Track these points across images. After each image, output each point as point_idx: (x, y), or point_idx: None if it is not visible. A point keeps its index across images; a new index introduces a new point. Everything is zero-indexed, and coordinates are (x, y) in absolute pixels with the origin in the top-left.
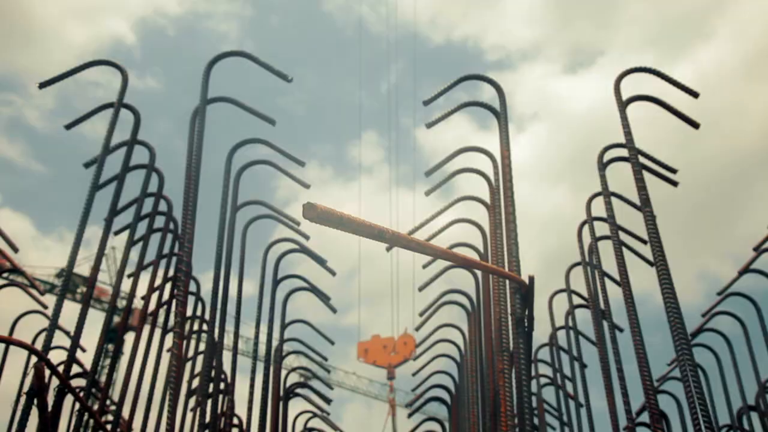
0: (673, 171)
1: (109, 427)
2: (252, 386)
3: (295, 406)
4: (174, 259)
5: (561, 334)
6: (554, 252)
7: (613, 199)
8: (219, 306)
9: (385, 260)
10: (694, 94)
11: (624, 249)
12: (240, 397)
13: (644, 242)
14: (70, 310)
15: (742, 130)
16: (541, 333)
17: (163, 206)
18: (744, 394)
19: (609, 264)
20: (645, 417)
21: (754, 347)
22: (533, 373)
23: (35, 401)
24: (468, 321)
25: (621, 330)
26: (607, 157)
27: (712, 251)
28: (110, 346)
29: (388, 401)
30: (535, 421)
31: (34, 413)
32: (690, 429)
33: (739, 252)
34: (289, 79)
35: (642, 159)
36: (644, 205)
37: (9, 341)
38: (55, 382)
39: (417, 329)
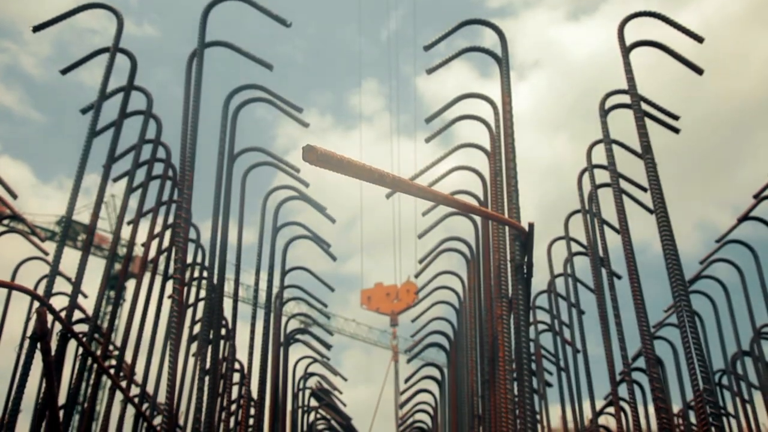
0: (675, 118)
1: (112, 371)
2: (252, 332)
3: (296, 351)
4: (173, 207)
5: (559, 282)
6: (554, 201)
7: (614, 147)
8: (218, 251)
9: (385, 209)
10: (699, 39)
11: (624, 197)
12: (241, 343)
13: (644, 190)
14: (71, 258)
15: (746, 78)
16: (539, 281)
17: (161, 153)
18: (739, 340)
19: (608, 212)
20: (641, 362)
21: (750, 294)
22: (531, 319)
23: (38, 345)
24: (467, 268)
25: (619, 277)
26: (609, 103)
27: (712, 200)
28: (112, 294)
29: (391, 348)
30: (533, 366)
31: (38, 357)
32: (685, 374)
33: (738, 201)
34: (287, 24)
35: (644, 106)
36: (645, 152)
37: (11, 286)
38: (58, 327)
39: (416, 276)
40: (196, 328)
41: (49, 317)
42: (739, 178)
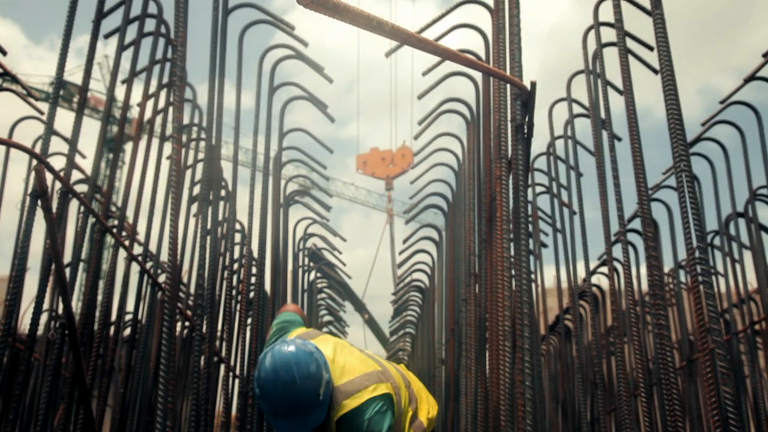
0: None
1: (114, 231)
2: (252, 194)
3: (295, 214)
4: (168, 66)
5: (559, 144)
6: (555, 66)
7: (622, 4)
8: (215, 110)
9: (382, 74)
10: None
11: (629, 57)
12: (241, 206)
13: (650, 49)
14: (68, 120)
15: None
16: (538, 146)
17: (153, 8)
18: (734, 202)
19: (611, 74)
20: (636, 225)
21: (749, 157)
22: (530, 181)
23: (39, 203)
24: (467, 130)
25: (619, 139)
26: None
27: (716, 66)
28: (110, 157)
29: (386, 211)
30: (530, 228)
31: (40, 216)
32: (679, 236)
33: (744, 65)
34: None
35: None
36: (655, 8)
37: (8, 143)
38: (58, 187)
39: (416, 138)
40: (196, 190)
41: (48, 176)
42: (745, 44)
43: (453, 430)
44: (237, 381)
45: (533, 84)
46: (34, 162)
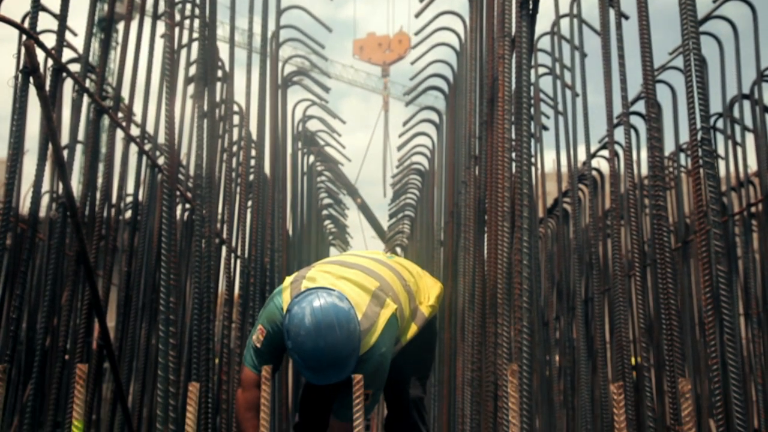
0: None
1: (110, 112)
2: (248, 73)
3: (294, 96)
4: None
5: (564, 24)
6: None
7: None
8: None
9: None
10: None
11: None
12: (239, 88)
13: None
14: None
15: None
16: (542, 26)
17: None
18: (741, 83)
19: None
20: (639, 107)
21: (759, 37)
22: (533, 62)
23: (31, 80)
24: (469, 7)
25: (627, 17)
26: None
27: None
28: (102, 36)
29: (382, 98)
30: (531, 110)
31: (34, 96)
32: (682, 119)
33: None
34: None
35: None
36: None
37: None
38: (50, 64)
39: (417, 16)
40: (192, 71)
41: (40, 54)
42: None
43: (451, 310)
44: (239, 262)
45: None
46: (24, 39)
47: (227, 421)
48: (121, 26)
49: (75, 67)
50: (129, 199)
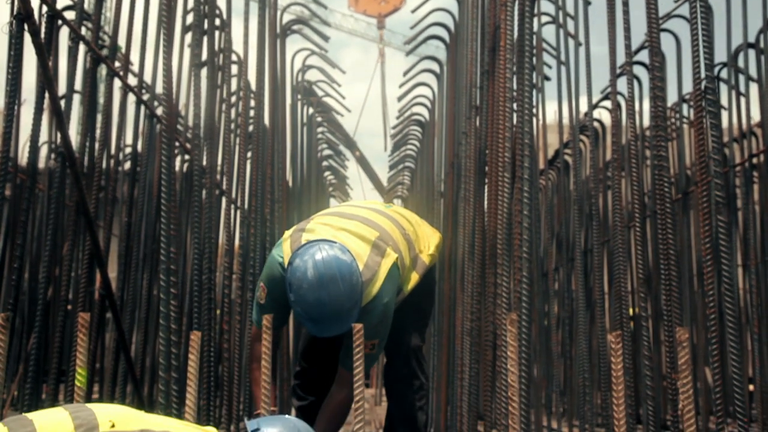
0: None
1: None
2: (246, 20)
3: (293, 45)
4: None
5: None
6: None
7: None
8: None
9: None
10: None
11: None
12: (237, 37)
13: None
14: None
15: None
16: None
17: None
18: (747, 32)
19: None
20: (642, 57)
21: None
22: (535, 10)
23: (26, 26)
24: None
25: None
26: None
27: None
28: None
29: (378, 50)
30: (533, 60)
31: (30, 46)
32: (686, 69)
33: None
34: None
35: None
36: None
37: None
38: (45, 11)
39: None
40: (190, 19)
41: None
42: None
43: (450, 261)
44: (239, 213)
45: None
46: None
47: (229, 370)
48: None
49: (70, 15)
50: (128, 150)
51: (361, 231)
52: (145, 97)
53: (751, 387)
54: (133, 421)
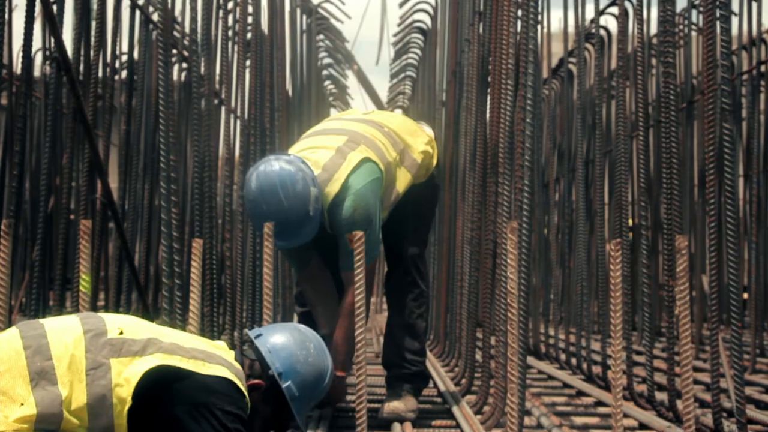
0: None
1: None
2: None
3: None
4: None
5: None
6: None
7: None
8: None
9: None
10: None
11: None
12: None
13: None
14: None
15: None
16: None
17: None
18: None
19: None
20: None
21: None
22: None
23: None
24: None
25: None
26: None
27: None
28: None
29: None
30: None
31: None
32: None
33: None
34: None
35: None
36: None
37: None
38: None
39: None
40: None
41: None
42: None
43: (451, 170)
44: (238, 122)
45: None
46: None
47: (232, 278)
48: None
49: None
50: (124, 58)
51: (325, 142)
52: (141, 2)
53: (745, 295)
54: (142, 330)
